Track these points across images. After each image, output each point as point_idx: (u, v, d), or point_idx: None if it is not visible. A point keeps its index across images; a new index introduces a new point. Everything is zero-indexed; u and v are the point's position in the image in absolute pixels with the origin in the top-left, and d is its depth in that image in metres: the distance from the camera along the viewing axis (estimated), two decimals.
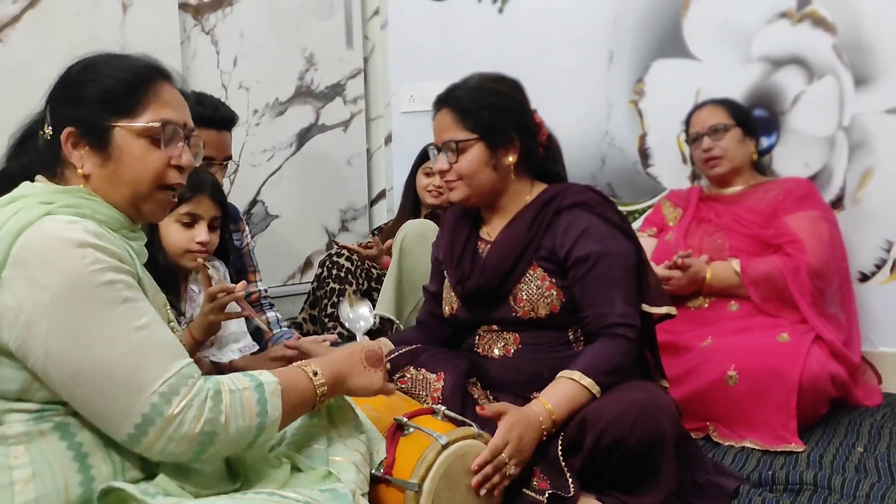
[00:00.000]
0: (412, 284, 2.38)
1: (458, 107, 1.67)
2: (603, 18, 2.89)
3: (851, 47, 2.47)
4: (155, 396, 0.99)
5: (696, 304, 2.30)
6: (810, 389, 1.98)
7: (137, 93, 1.12)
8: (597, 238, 1.60)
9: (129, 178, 1.12)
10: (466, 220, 1.80)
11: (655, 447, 1.46)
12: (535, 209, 1.68)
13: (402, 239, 2.42)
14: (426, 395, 1.61)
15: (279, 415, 1.11)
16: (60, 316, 0.98)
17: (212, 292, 1.68)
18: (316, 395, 1.19)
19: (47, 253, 0.99)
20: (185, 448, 1.02)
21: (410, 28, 3.32)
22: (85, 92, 1.12)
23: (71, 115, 1.11)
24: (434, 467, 1.32)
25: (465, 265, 1.73)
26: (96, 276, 1.00)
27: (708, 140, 2.39)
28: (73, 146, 1.11)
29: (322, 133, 3.17)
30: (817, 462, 1.80)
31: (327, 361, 1.25)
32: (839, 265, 2.30)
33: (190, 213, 1.78)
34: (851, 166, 2.49)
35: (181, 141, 1.16)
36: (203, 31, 2.72)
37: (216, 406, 1.04)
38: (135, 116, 1.12)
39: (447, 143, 1.67)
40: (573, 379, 1.51)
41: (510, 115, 1.68)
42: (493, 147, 1.67)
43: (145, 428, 0.99)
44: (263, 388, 1.10)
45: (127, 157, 1.12)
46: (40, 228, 1.01)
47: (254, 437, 1.09)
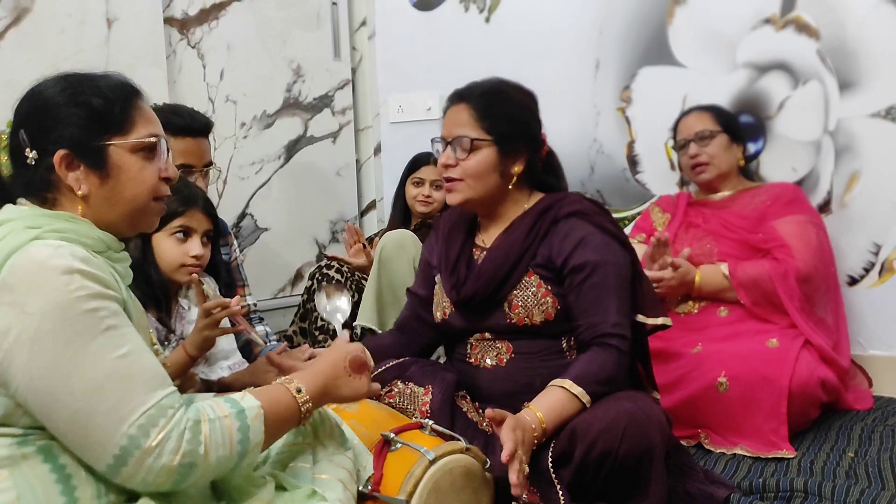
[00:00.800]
0: (393, 294, 2.39)
1: (479, 105, 1.66)
2: (589, 26, 2.90)
3: (835, 52, 2.48)
4: (133, 428, 0.99)
5: (685, 309, 2.30)
6: (800, 395, 1.98)
7: (125, 110, 1.14)
8: (593, 247, 1.61)
9: (128, 195, 1.14)
10: (462, 227, 1.79)
11: (645, 458, 1.46)
12: (533, 217, 1.68)
13: (381, 250, 2.43)
14: (414, 408, 1.60)
15: (261, 439, 1.10)
16: (42, 343, 0.98)
17: (207, 308, 1.67)
18: (300, 412, 1.18)
19: (34, 278, 0.99)
20: (165, 479, 1.01)
21: (398, 38, 3.33)
22: (72, 113, 1.11)
23: (60, 137, 1.10)
24: (422, 483, 1.31)
25: (461, 271, 1.72)
26: (80, 303, 0.99)
27: (694, 146, 2.39)
28: (67, 168, 1.11)
29: (311, 145, 3.17)
30: (808, 468, 1.80)
31: (311, 375, 1.24)
32: (827, 269, 2.31)
33: (183, 226, 1.78)
34: (838, 170, 2.50)
35: (166, 153, 1.18)
36: (189, 45, 2.72)
37: (195, 437, 1.03)
38: (127, 133, 1.13)
39: (460, 139, 1.65)
40: (564, 388, 1.51)
41: (526, 126, 1.69)
42: (504, 154, 1.66)
43: (124, 458, 0.98)
44: (245, 415, 1.09)
45: (125, 174, 1.13)
46: (28, 253, 1.01)
47: (235, 464, 1.08)
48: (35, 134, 1.11)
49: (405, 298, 2.39)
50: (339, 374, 1.27)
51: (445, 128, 1.69)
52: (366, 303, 2.43)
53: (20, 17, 2.23)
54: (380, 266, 2.42)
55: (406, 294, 1.92)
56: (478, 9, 3.14)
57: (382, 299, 2.41)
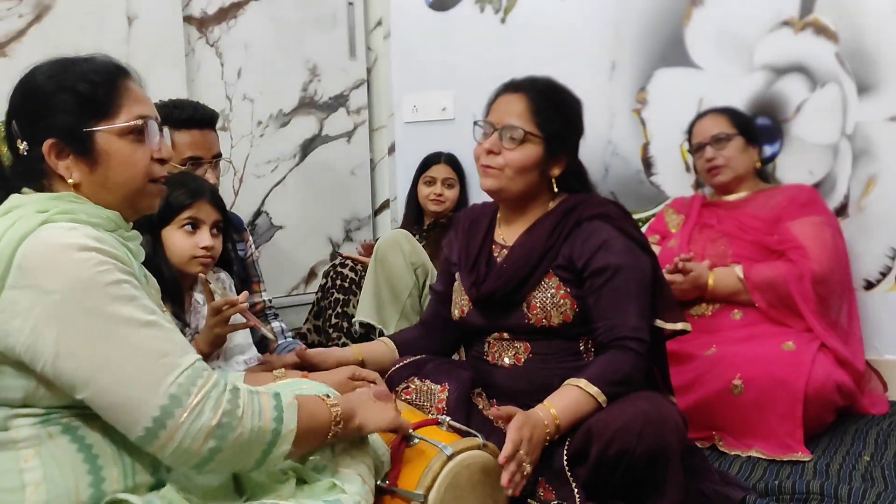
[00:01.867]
0: (392, 290, 2.44)
1: (536, 99, 1.65)
2: (605, 28, 2.90)
3: (854, 55, 2.47)
4: (174, 387, 0.99)
5: (699, 311, 2.29)
6: (816, 398, 1.97)
7: (111, 93, 1.11)
8: (616, 251, 1.60)
9: (121, 180, 1.13)
10: (482, 223, 1.79)
11: (661, 458, 1.46)
12: (557, 217, 1.67)
13: (377, 249, 2.48)
14: (431, 405, 1.61)
15: (294, 428, 1.09)
16: (70, 317, 0.99)
17: (215, 306, 1.69)
18: (331, 417, 1.17)
19: (50, 260, 1.00)
20: (201, 444, 1.00)
21: (413, 39, 3.33)
22: (58, 100, 1.10)
23: (48, 126, 1.10)
24: (439, 478, 1.32)
25: (481, 268, 1.72)
26: (104, 275, 1.00)
27: (710, 149, 2.39)
28: (56, 157, 1.10)
29: (325, 144, 3.18)
30: (824, 471, 1.80)
31: (338, 397, 1.25)
32: (843, 272, 2.30)
33: (192, 218, 1.79)
34: (855, 174, 2.49)
35: (157, 133, 1.16)
36: (207, 44, 2.74)
37: (234, 399, 1.03)
38: (113, 117, 1.11)
39: (512, 128, 1.63)
40: (579, 386, 1.51)
41: (575, 133, 1.70)
42: (550, 154, 1.66)
43: (164, 420, 0.98)
44: (280, 398, 1.10)
45: (114, 159, 1.11)
46: (40, 236, 1.01)
47: (268, 445, 1.07)
48: (24, 124, 1.11)
49: (402, 293, 2.46)
50: (364, 401, 1.28)
51: (496, 114, 1.68)
52: (364, 299, 2.48)
53: (42, 14, 2.26)
54: (376, 264, 2.47)
55: (430, 291, 1.94)
56: (493, 9, 3.14)
57: (381, 296, 2.45)
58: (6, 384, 1.02)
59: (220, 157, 2.14)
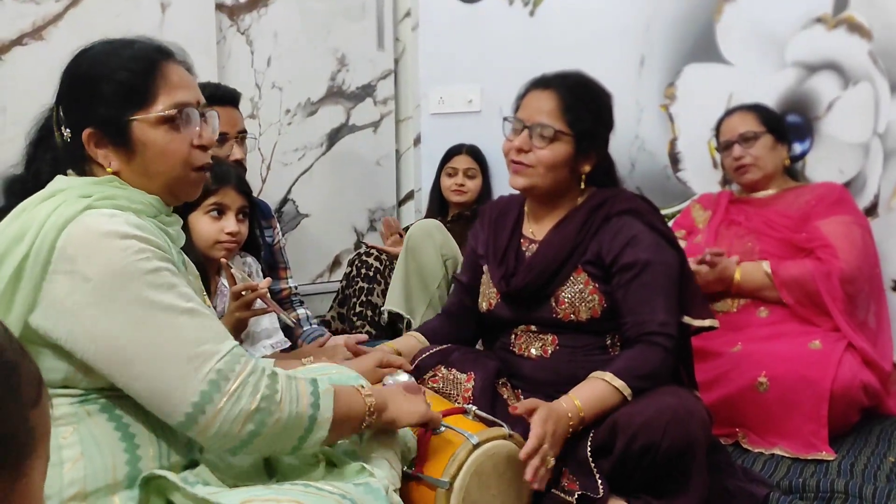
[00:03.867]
0: (421, 281, 2.45)
1: (567, 96, 1.65)
2: (635, 22, 2.88)
3: (888, 54, 2.44)
4: (213, 373, 1.00)
5: (724, 308, 2.28)
6: (842, 398, 1.96)
7: (148, 81, 1.10)
8: (644, 246, 1.61)
9: (159, 169, 1.12)
10: (509, 216, 1.80)
11: (687, 453, 1.46)
12: (586, 213, 1.68)
13: (409, 238, 2.50)
14: (457, 394, 1.62)
15: (330, 415, 1.10)
16: (109, 304, 1.00)
17: (236, 290, 1.71)
18: (365, 406, 1.18)
19: (91, 246, 1.01)
20: (241, 427, 1.01)
21: (441, 30, 3.33)
22: (98, 89, 1.10)
23: (88, 114, 1.10)
24: (465, 466, 1.33)
25: (510, 262, 1.73)
26: (143, 263, 1.01)
27: (738, 148, 2.37)
28: (96, 146, 1.11)
29: (352, 133, 3.20)
30: (848, 471, 1.79)
31: (371, 388, 1.26)
32: (871, 271, 2.28)
33: (217, 203, 1.81)
34: (886, 173, 2.47)
35: (198, 120, 1.15)
36: (238, 32, 2.76)
37: (273, 384, 1.04)
38: (149, 107, 1.10)
39: (543, 125, 1.64)
40: (604, 380, 1.52)
41: (606, 129, 1.71)
42: (580, 151, 1.66)
43: (203, 406, 0.99)
44: (317, 384, 1.11)
45: (151, 149, 1.11)
46: (83, 222, 1.02)
47: (305, 431, 1.08)
48: (67, 111, 1.12)
49: (432, 284, 2.47)
50: (395, 393, 1.29)
51: (525, 111, 1.68)
52: (394, 288, 2.49)
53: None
54: (407, 253, 2.48)
55: (453, 281, 1.94)
56: (522, 2, 3.13)
57: (409, 284, 2.47)
58: (46, 366, 1.03)
59: (245, 134, 2.16)
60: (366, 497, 1.10)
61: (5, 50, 2.14)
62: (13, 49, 2.16)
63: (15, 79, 2.15)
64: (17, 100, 2.14)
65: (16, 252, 1.01)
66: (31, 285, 1.01)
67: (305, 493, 1.04)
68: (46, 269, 1.01)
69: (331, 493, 1.06)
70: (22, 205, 1.06)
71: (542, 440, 1.38)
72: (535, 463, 1.35)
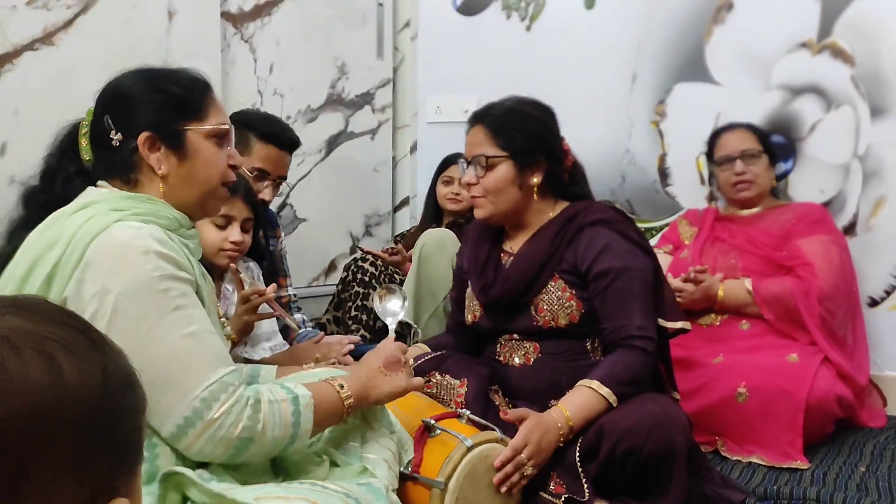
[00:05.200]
0: (430, 290, 2.49)
1: (493, 125, 1.76)
2: (628, 40, 2.97)
3: (869, 79, 2.54)
4: (196, 401, 1.09)
5: (708, 321, 2.38)
6: (817, 409, 2.05)
7: (202, 99, 1.24)
8: (617, 254, 1.69)
9: (203, 177, 1.23)
10: (489, 233, 1.89)
11: (668, 458, 1.55)
12: (559, 225, 1.76)
13: (422, 246, 2.52)
14: (450, 399, 1.70)
15: (311, 427, 1.20)
16: (119, 320, 1.07)
17: (245, 295, 1.78)
18: (343, 406, 1.27)
19: (116, 258, 1.09)
20: (223, 451, 1.11)
21: (439, 41, 3.41)
22: (155, 99, 1.22)
23: (144, 121, 1.21)
24: (459, 467, 1.41)
25: (489, 274, 1.81)
26: (154, 283, 1.09)
27: (741, 164, 2.45)
28: (150, 149, 1.21)
29: (350, 140, 3.27)
30: (821, 479, 1.88)
31: (352, 377, 1.33)
32: (849, 289, 2.37)
33: (224, 214, 1.87)
34: (865, 194, 2.57)
35: (232, 142, 1.29)
36: (242, 39, 2.83)
37: (255, 414, 1.12)
38: (203, 120, 1.23)
39: (477, 158, 1.76)
40: (591, 388, 1.60)
41: (541, 140, 1.77)
42: (521, 167, 1.75)
43: (186, 429, 1.09)
44: (299, 402, 1.19)
45: (201, 156, 1.23)
46: (112, 235, 1.10)
47: (286, 445, 1.18)
48: (120, 118, 1.22)
49: (441, 294, 2.51)
50: (374, 375, 1.35)
51: (467, 149, 1.80)
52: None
53: (88, 6, 2.34)
54: (419, 262, 2.50)
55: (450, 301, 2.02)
56: (520, 17, 3.22)
57: (420, 294, 2.50)
58: None
59: (284, 179, 2.22)
60: (368, 496, 1.17)
61: (17, 55, 2.20)
62: (24, 54, 2.21)
63: (26, 83, 2.21)
64: (29, 104, 2.20)
65: (48, 258, 1.09)
66: (60, 289, 1.09)
67: (313, 491, 1.11)
68: (72, 275, 1.08)
69: (336, 491, 1.13)
70: (55, 214, 1.14)
71: (519, 451, 1.46)
72: (508, 470, 1.44)
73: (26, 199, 1.30)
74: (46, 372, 0.42)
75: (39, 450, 0.40)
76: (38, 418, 0.41)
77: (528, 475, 1.48)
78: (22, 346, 0.42)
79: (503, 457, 1.45)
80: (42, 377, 0.42)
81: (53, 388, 0.42)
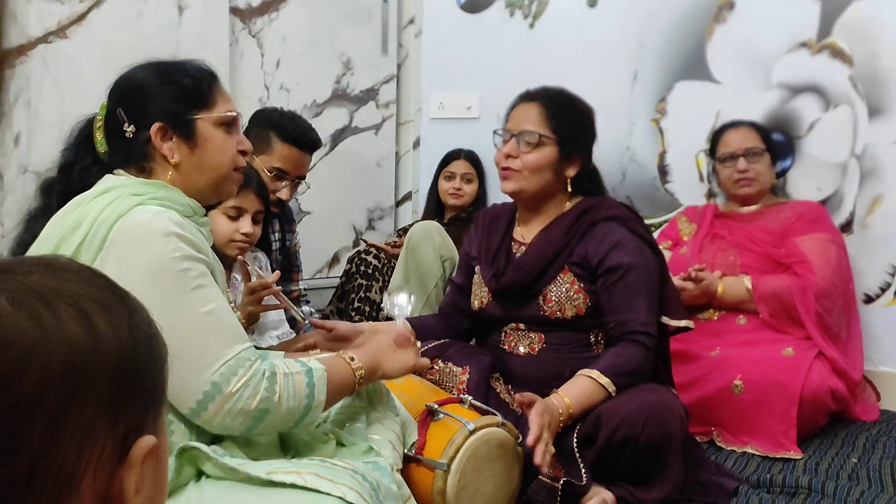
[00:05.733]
0: (420, 280, 2.56)
1: (551, 106, 1.80)
2: (630, 39, 3.01)
3: (867, 79, 2.58)
4: (216, 375, 1.13)
5: (706, 316, 2.42)
6: (811, 402, 2.10)
7: (210, 89, 1.29)
8: (628, 251, 1.73)
9: (214, 163, 1.28)
10: (502, 221, 1.92)
11: (664, 446, 1.59)
12: (573, 218, 1.80)
13: (410, 238, 2.60)
14: (452, 386, 1.74)
15: (324, 398, 1.24)
16: (141, 296, 1.10)
17: (252, 287, 1.83)
18: (355, 378, 1.32)
19: (139, 239, 1.14)
20: (241, 422, 1.15)
21: (443, 38, 3.45)
22: (166, 90, 1.26)
23: (156, 112, 1.25)
24: (462, 450, 1.45)
25: (500, 262, 1.85)
26: (175, 263, 1.14)
27: (744, 161, 2.49)
28: (162, 139, 1.25)
29: (355, 135, 3.31)
30: (813, 469, 1.92)
31: (363, 351, 1.38)
32: (845, 286, 2.42)
33: (236, 206, 1.92)
34: (862, 192, 2.61)
35: (240, 128, 1.34)
36: (250, 35, 2.87)
37: (271, 386, 1.17)
38: (211, 109, 1.28)
39: (528, 133, 1.77)
40: (591, 377, 1.64)
41: (587, 136, 1.83)
42: (564, 155, 1.79)
43: (206, 403, 1.13)
44: (312, 374, 1.24)
45: (210, 144, 1.27)
46: (134, 217, 1.15)
47: (300, 417, 1.22)
48: (132, 110, 1.26)
49: (430, 283, 2.58)
50: (385, 350, 1.41)
51: (513, 122, 1.82)
52: (394, 284, 2.60)
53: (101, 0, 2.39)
54: (408, 252, 2.58)
55: (449, 282, 2.06)
56: (523, 14, 3.26)
57: (409, 283, 2.57)
58: None
59: (303, 179, 2.25)
60: (374, 473, 1.22)
61: (32, 47, 2.24)
62: (38, 46, 2.26)
63: (41, 75, 2.25)
64: (43, 95, 2.24)
65: (72, 240, 1.13)
66: None
67: (322, 466, 1.16)
68: (97, 256, 1.13)
69: (344, 468, 1.18)
70: (77, 199, 1.19)
71: (543, 429, 1.50)
72: (541, 448, 1.47)
73: (44, 189, 1.34)
74: (80, 324, 0.47)
75: (77, 395, 0.45)
76: (74, 367, 0.45)
77: (552, 453, 1.51)
78: (55, 300, 0.47)
79: (534, 434, 1.46)
80: (76, 329, 0.46)
81: (87, 338, 0.46)
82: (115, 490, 0.47)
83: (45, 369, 0.44)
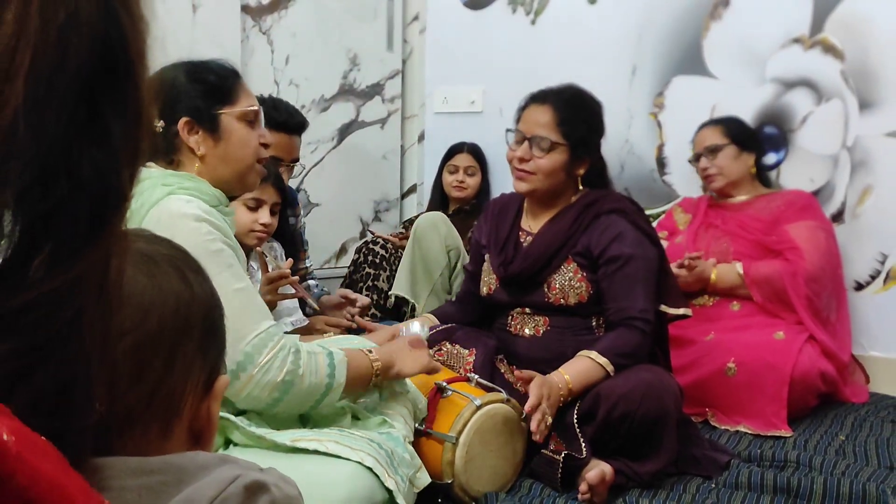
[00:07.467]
0: (426, 268, 2.65)
1: (561, 111, 1.87)
2: (628, 34, 3.10)
3: (858, 73, 2.67)
4: (249, 346, 1.23)
5: (700, 301, 2.52)
6: (801, 383, 2.19)
7: (233, 86, 1.38)
8: (629, 242, 1.83)
9: (238, 155, 1.37)
10: (510, 211, 2.02)
11: (659, 421, 1.69)
12: (578, 210, 1.89)
13: (416, 228, 2.69)
14: (459, 366, 1.84)
15: (344, 381, 1.33)
16: None
17: (270, 277, 1.93)
18: (372, 370, 1.41)
19: (172, 225, 1.22)
20: (268, 394, 1.24)
21: (447, 34, 3.54)
22: (193, 87, 1.35)
23: (183, 108, 1.34)
24: (469, 424, 1.55)
25: (509, 251, 1.95)
26: (210, 244, 1.24)
27: (704, 160, 2.60)
28: (189, 133, 1.35)
29: (361, 129, 3.41)
30: (802, 445, 2.02)
31: (378, 349, 1.48)
32: (834, 272, 2.51)
33: (255, 198, 2.01)
34: (852, 183, 2.70)
35: (262, 123, 1.42)
36: (260, 32, 2.96)
37: (296, 360, 1.27)
38: (234, 104, 1.37)
39: (540, 138, 1.85)
40: (590, 357, 1.74)
41: (597, 135, 1.92)
42: (575, 158, 1.88)
43: (238, 373, 1.22)
44: (333, 357, 1.33)
45: (234, 137, 1.36)
46: (166, 205, 1.25)
47: (321, 396, 1.30)
48: (162, 107, 1.34)
49: (435, 272, 2.68)
50: (401, 349, 1.51)
51: (525, 124, 1.89)
52: (400, 274, 2.69)
53: None
54: (414, 242, 2.67)
55: (463, 271, 2.17)
56: (525, 11, 3.34)
57: (415, 272, 2.66)
58: None
59: (297, 161, 2.34)
60: (389, 443, 1.32)
61: None
62: None
63: None
64: None
65: None
66: None
67: (341, 434, 1.26)
68: None
69: (361, 437, 1.28)
70: None
71: (541, 399, 1.59)
72: (538, 417, 1.57)
73: None
74: (180, 281, 0.57)
75: (183, 337, 0.56)
76: (180, 315, 0.56)
77: (549, 424, 1.61)
78: (161, 262, 0.57)
79: (532, 402, 1.57)
80: (179, 285, 0.57)
81: (186, 292, 0.57)
82: (202, 415, 0.57)
83: (160, 317, 0.54)
